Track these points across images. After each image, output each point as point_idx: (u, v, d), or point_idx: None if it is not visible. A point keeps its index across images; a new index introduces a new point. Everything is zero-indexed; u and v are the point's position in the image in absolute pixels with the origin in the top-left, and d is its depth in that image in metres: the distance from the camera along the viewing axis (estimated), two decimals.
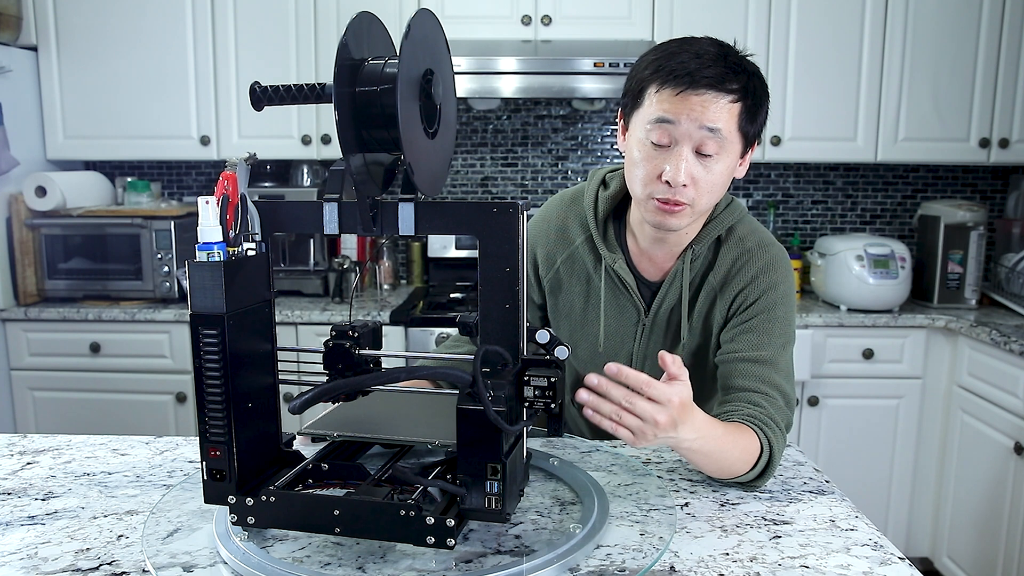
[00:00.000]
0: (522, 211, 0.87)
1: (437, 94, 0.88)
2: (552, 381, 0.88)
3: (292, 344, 2.64)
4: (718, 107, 1.09)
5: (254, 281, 0.92)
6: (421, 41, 0.85)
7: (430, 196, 0.89)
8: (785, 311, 1.22)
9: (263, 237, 0.94)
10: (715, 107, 1.09)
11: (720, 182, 1.14)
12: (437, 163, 0.92)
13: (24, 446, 1.29)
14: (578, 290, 1.33)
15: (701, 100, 1.09)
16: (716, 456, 1.04)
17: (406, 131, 0.82)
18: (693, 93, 1.09)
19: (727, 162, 1.13)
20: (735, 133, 1.12)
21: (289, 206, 0.94)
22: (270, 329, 0.96)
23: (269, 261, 0.95)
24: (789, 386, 1.19)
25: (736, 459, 1.06)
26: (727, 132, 1.10)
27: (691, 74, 1.08)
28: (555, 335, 0.89)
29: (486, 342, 0.89)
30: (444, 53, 0.93)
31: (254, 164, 0.94)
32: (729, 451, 1.05)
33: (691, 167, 1.11)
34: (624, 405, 0.91)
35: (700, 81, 1.08)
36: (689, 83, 1.08)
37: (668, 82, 1.10)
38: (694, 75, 1.08)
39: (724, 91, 1.09)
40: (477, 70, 2.66)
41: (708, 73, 1.08)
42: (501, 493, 0.88)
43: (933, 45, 2.76)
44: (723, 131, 1.10)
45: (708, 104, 1.09)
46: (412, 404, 1.17)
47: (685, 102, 1.09)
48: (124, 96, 2.86)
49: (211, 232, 0.87)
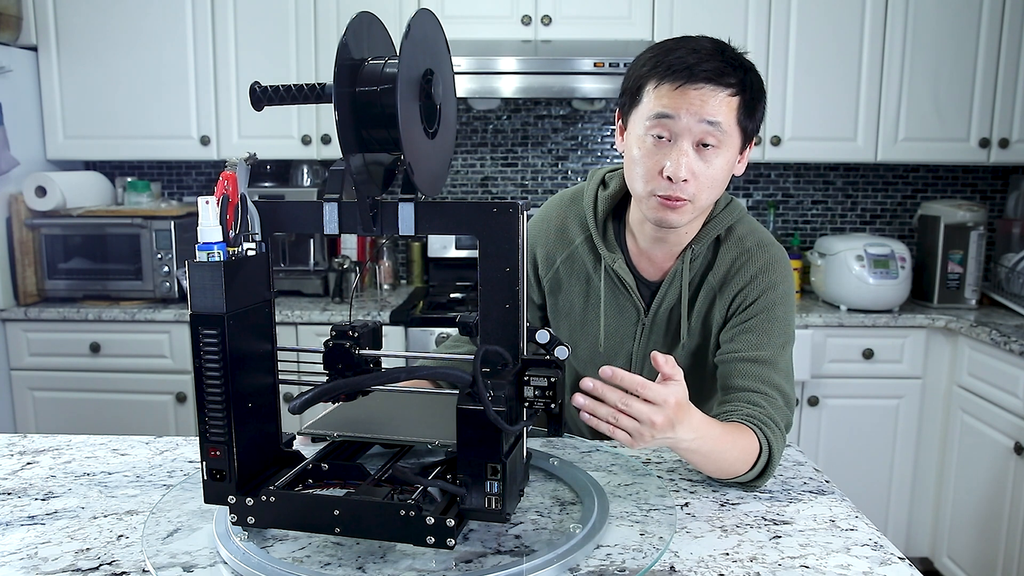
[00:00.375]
0: (522, 211, 0.87)
1: (437, 94, 0.88)
2: (552, 381, 0.88)
3: (292, 344, 2.64)
4: (717, 101, 1.09)
5: (254, 281, 0.92)
6: (421, 41, 0.85)
7: (430, 196, 0.89)
8: (784, 311, 1.22)
9: (263, 237, 0.94)
10: (714, 101, 1.09)
11: (720, 177, 1.15)
12: (437, 163, 0.92)
13: (24, 446, 1.29)
14: (578, 290, 1.33)
15: (700, 94, 1.09)
16: (715, 456, 1.04)
17: (406, 131, 0.82)
18: (692, 87, 1.09)
19: (727, 157, 1.14)
20: (734, 127, 1.12)
21: (289, 206, 0.94)
22: (270, 329, 0.96)
23: (269, 261, 0.95)
24: (789, 386, 1.19)
25: (735, 459, 1.06)
26: (726, 126, 1.11)
27: (689, 68, 1.09)
28: (555, 335, 0.89)
29: (486, 342, 0.89)
30: (444, 53, 0.93)
31: (254, 164, 0.94)
32: (728, 451, 1.05)
33: (691, 162, 1.11)
34: (620, 407, 0.91)
35: (698, 75, 1.09)
36: (687, 77, 1.09)
37: (666, 77, 1.10)
38: (692, 69, 1.09)
39: (722, 85, 1.09)
40: (477, 70, 2.66)
41: (706, 67, 1.09)
42: (501, 493, 0.88)
43: (933, 45, 2.76)
44: (723, 124, 1.10)
45: (707, 98, 1.09)
46: (412, 404, 1.17)
47: (684, 96, 1.09)
48: (124, 96, 2.86)
49: (211, 232, 0.87)
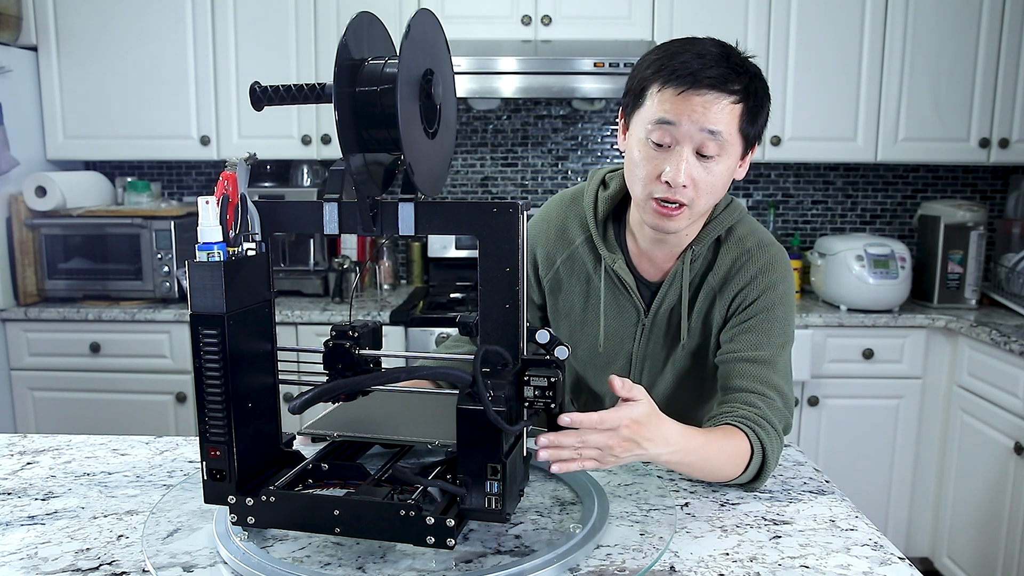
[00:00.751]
0: (522, 211, 0.87)
1: (437, 94, 0.88)
2: (552, 381, 0.88)
3: (292, 344, 2.65)
4: (719, 108, 1.08)
5: (254, 281, 0.92)
6: (421, 41, 0.85)
7: (430, 196, 0.89)
8: (784, 311, 1.22)
9: (263, 237, 0.94)
10: (716, 108, 1.08)
11: (720, 184, 1.14)
12: (437, 163, 0.92)
13: (24, 446, 1.29)
14: (578, 290, 1.33)
15: (703, 101, 1.08)
16: (700, 465, 1.05)
17: (406, 131, 0.82)
18: (695, 93, 1.08)
19: (727, 164, 1.13)
20: (736, 135, 1.11)
21: (289, 206, 0.94)
22: (270, 329, 0.96)
23: (269, 261, 0.95)
24: (788, 386, 1.19)
25: (724, 464, 1.07)
26: (728, 134, 1.10)
27: (693, 74, 1.08)
28: (555, 335, 0.89)
29: (486, 342, 0.89)
30: (444, 53, 0.93)
31: (254, 164, 0.94)
32: (714, 458, 1.05)
33: (691, 168, 1.11)
34: (577, 445, 0.92)
35: (702, 81, 1.08)
36: (692, 83, 1.08)
37: (670, 81, 1.09)
38: (696, 75, 1.08)
39: (726, 92, 1.08)
40: (477, 70, 2.66)
41: (711, 73, 1.08)
42: (501, 493, 0.88)
43: (933, 45, 2.76)
44: (724, 133, 1.09)
45: (710, 105, 1.08)
46: (412, 404, 1.17)
47: (687, 103, 1.08)
48: (124, 96, 2.86)
49: (211, 232, 0.87)
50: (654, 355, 1.30)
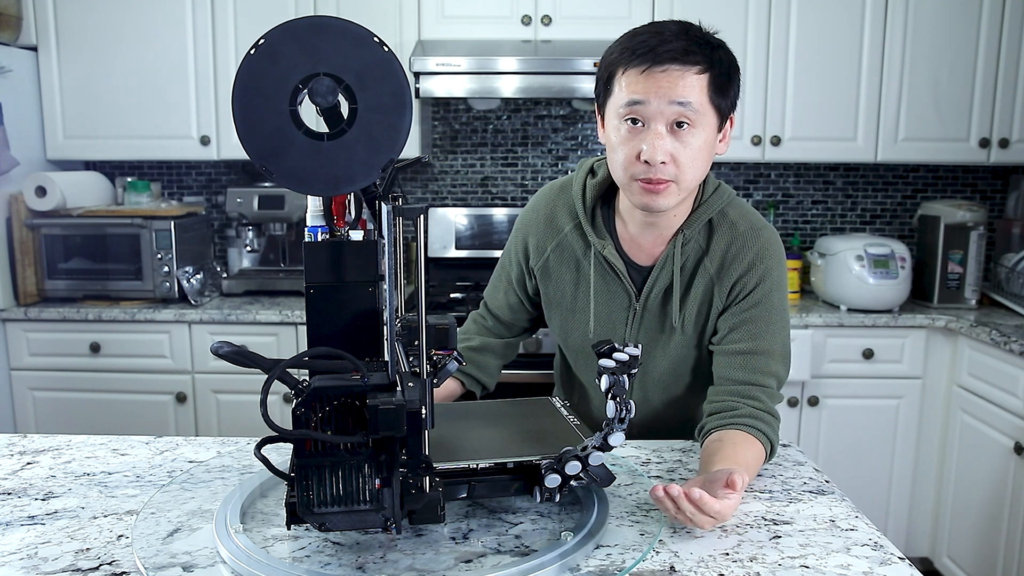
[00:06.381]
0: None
1: (323, 99, 0.79)
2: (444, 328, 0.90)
3: (292, 344, 2.65)
4: (685, 81, 1.11)
5: (360, 263, 0.96)
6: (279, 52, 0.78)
7: (332, 194, 0.85)
8: (780, 297, 1.26)
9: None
10: (682, 81, 1.11)
11: (700, 157, 1.16)
12: (348, 159, 0.82)
13: (24, 446, 1.30)
14: (568, 277, 1.34)
15: (667, 75, 1.11)
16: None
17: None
18: (658, 68, 1.11)
19: (703, 136, 1.15)
20: (707, 105, 1.13)
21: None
22: (375, 306, 0.99)
23: (377, 248, 0.97)
24: (784, 367, 1.25)
25: (753, 472, 1.14)
26: (698, 104, 1.12)
27: (653, 50, 1.11)
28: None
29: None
30: (339, 46, 0.81)
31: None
32: (753, 473, 1.13)
33: (667, 144, 1.13)
34: (687, 515, 0.95)
35: (662, 56, 1.11)
36: (652, 59, 1.11)
37: (632, 62, 1.12)
38: (656, 50, 1.11)
39: (688, 63, 1.11)
40: (477, 70, 2.66)
41: (669, 47, 1.11)
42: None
43: (933, 45, 2.76)
44: (694, 104, 1.11)
45: (674, 79, 1.11)
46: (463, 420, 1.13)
47: (651, 79, 1.11)
48: (124, 96, 2.86)
49: (313, 218, 0.94)
50: (646, 340, 1.31)
